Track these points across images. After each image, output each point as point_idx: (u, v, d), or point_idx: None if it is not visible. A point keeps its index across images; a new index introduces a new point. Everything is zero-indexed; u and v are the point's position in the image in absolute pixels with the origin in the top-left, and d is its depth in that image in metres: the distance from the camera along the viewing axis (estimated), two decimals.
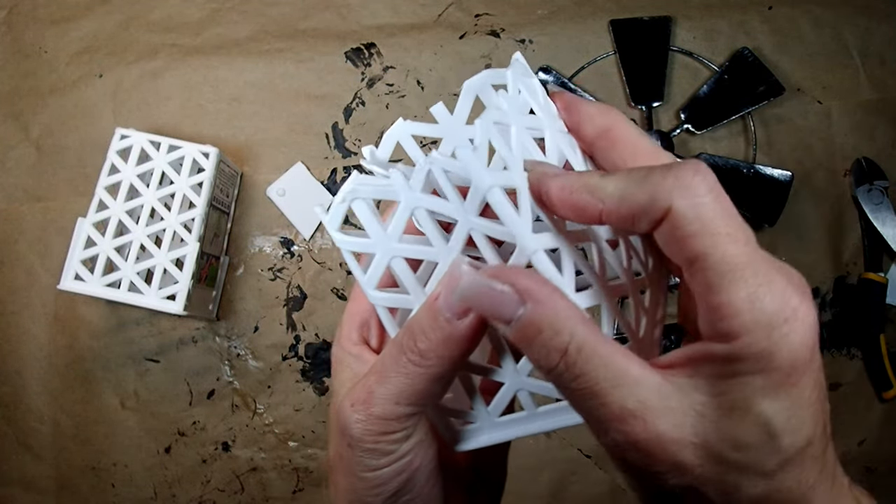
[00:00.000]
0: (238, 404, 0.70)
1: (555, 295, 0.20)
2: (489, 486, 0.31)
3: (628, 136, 0.25)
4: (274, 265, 0.72)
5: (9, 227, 0.72)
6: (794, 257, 0.71)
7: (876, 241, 0.70)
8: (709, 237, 0.19)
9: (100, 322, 0.70)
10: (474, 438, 0.26)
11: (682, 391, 0.19)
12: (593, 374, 0.20)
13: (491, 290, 0.21)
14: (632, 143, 0.24)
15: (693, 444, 0.19)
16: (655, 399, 0.19)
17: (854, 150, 0.72)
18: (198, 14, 0.75)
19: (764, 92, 0.70)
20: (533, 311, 0.20)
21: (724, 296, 0.19)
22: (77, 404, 0.70)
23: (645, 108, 0.72)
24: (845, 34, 0.73)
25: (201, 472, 0.69)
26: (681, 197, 0.19)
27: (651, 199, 0.20)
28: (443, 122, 0.26)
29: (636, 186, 0.20)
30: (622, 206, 0.20)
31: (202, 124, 0.73)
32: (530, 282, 0.20)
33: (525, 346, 0.21)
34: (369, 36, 0.74)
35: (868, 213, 0.70)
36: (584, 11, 0.74)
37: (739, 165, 0.69)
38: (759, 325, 0.18)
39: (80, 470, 0.69)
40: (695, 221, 0.19)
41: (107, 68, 0.74)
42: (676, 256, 0.20)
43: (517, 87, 0.26)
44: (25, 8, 0.76)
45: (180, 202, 0.62)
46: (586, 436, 0.69)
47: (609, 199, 0.21)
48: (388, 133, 0.27)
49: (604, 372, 0.20)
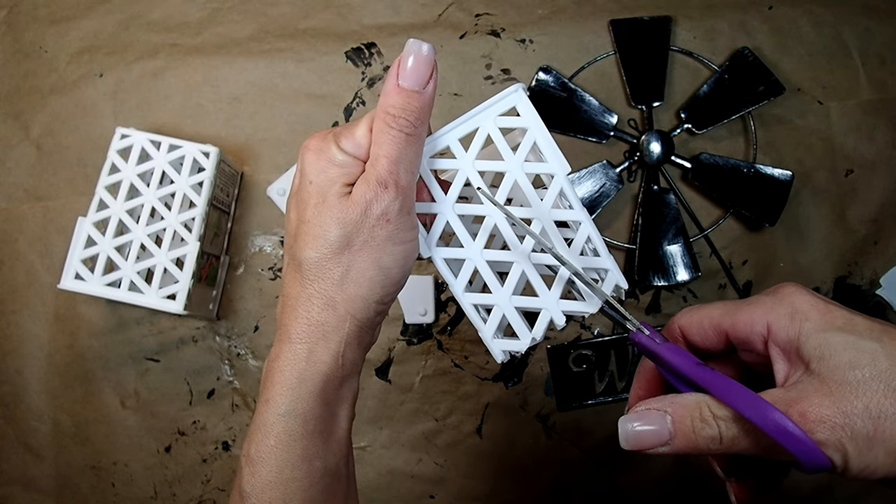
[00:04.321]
0: (238, 404, 0.70)
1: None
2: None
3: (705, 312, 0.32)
4: (274, 264, 0.72)
5: (9, 226, 0.72)
6: (794, 257, 0.71)
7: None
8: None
9: (100, 321, 0.70)
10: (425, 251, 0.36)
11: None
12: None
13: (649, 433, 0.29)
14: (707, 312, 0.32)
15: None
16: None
17: (854, 150, 0.72)
18: (198, 14, 0.75)
19: (764, 92, 0.70)
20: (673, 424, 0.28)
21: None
22: (77, 404, 0.70)
23: (645, 108, 0.72)
24: (845, 34, 0.73)
25: (201, 472, 0.69)
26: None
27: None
28: (459, 157, 0.36)
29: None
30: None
31: (202, 124, 0.73)
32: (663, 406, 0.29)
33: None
34: (370, 35, 0.74)
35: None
36: (584, 11, 0.74)
37: (739, 165, 0.69)
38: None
39: (80, 469, 0.69)
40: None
41: (107, 68, 0.74)
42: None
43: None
44: (25, 7, 0.76)
45: (180, 202, 0.62)
46: (586, 436, 0.69)
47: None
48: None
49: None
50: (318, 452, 0.33)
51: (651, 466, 0.69)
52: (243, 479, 0.33)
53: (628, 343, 0.68)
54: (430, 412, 0.70)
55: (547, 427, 0.69)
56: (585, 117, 0.71)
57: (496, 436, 0.69)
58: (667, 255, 0.68)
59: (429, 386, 0.70)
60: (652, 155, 0.69)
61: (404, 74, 0.32)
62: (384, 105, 0.32)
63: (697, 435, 0.27)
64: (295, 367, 0.32)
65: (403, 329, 0.71)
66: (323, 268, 0.32)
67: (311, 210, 0.32)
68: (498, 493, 0.69)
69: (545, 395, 0.70)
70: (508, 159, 0.35)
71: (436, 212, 0.36)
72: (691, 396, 0.28)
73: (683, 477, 0.69)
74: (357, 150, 0.33)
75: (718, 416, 0.27)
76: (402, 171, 0.32)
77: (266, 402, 0.33)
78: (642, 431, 0.28)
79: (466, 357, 0.70)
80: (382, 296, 0.33)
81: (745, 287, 0.71)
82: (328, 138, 0.33)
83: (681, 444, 0.27)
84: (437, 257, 0.36)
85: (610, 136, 0.71)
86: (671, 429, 0.27)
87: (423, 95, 0.32)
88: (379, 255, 0.32)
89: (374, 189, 0.31)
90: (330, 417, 0.33)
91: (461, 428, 0.69)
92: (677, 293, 0.71)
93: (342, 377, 0.33)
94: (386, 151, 0.32)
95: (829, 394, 0.25)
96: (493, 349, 0.36)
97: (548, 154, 0.36)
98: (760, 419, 0.25)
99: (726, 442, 0.27)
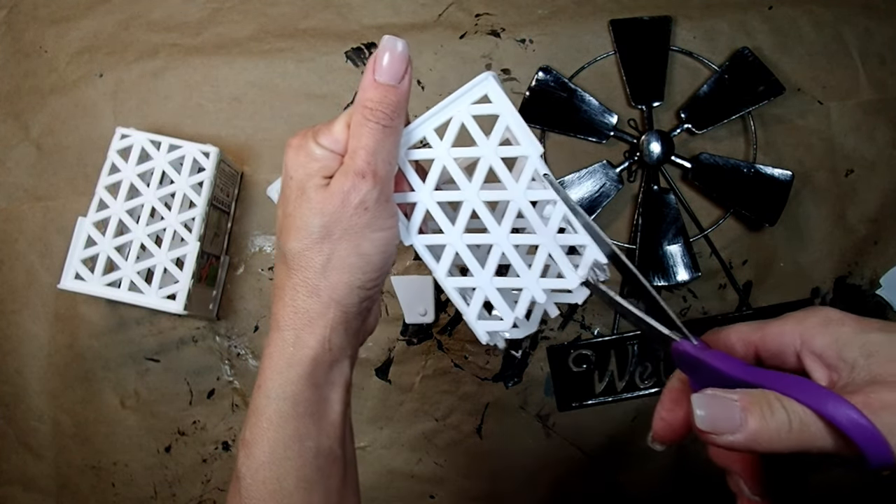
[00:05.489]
0: (238, 404, 0.70)
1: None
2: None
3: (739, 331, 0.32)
4: (274, 265, 0.72)
5: (9, 226, 0.72)
6: (794, 257, 0.71)
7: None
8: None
9: (100, 321, 0.70)
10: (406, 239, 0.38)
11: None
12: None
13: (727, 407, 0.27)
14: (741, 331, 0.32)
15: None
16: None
17: (854, 150, 0.72)
18: (198, 14, 0.75)
19: (764, 92, 0.70)
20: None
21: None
22: (77, 404, 0.70)
23: (645, 108, 0.72)
24: (845, 34, 0.73)
25: (201, 472, 0.69)
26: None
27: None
28: (435, 146, 0.37)
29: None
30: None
31: (202, 124, 0.73)
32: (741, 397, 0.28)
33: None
34: (370, 35, 0.74)
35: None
36: (584, 11, 0.74)
37: (739, 165, 0.69)
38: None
39: (80, 469, 0.69)
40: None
41: (107, 68, 0.74)
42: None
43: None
44: (25, 8, 0.76)
45: (180, 201, 0.62)
46: (586, 436, 0.69)
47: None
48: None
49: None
50: (309, 433, 0.33)
51: (651, 466, 0.69)
52: (239, 462, 0.34)
53: (628, 343, 0.68)
54: (430, 412, 0.70)
55: (547, 427, 0.69)
56: (585, 117, 0.71)
57: (496, 436, 0.69)
58: (667, 255, 0.68)
59: (429, 386, 0.70)
60: (652, 155, 0.69)
61: (380, 70, 0.33)
62: (362, 99, 0.33)
63: (768, 422, 0.26)
64: (283, 352, 0.34)
65: (403, 329, 0.71)
66: (306, 257, 0.33)
67: (293, 203, 0.34)
68: (498, 493, 0.69)
69: (545, 395, 0.70)
70: (482, 145, 0.37)
71: (414, 200, 0.37)
72: (755, 390, 0.27)
73: (683, 477, 0.69)
74: (334, 144, 0.34)
75: (787, 407, 0.26)
76: (380, 162, 0.33)
77: (258, 387, 0.34)
78: (714, 415, 0.27)
79: (466, 357, 0.70)
80: (365, 281, 0.34)
81: (745, 287, 0.71)
82: (307, 135, 0.34)
83: (752, 431, 0.26)
84: (419, 244, 0.37)
85: (610, 136, 0.71)
86: (742, 416, 0.27)
87: (398, 89, 0.33)
88: (358, 242, 0.33)
89: (351, 179, 0.33)
90: (321, 400, 0.34)
91: (461, 428, 0.69)
92: (677, 293, 0.71)
93: (330, 361, 0.34)
94: (364, 143, 0.33)
95: (886, 384, 0.25)
96: (478, 330, 0.37)
97: (520, 137, 0.37)
98: (833, 411, 0.25)
99: (795, 432, 0.26)
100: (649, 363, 0.68)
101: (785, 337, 0.29)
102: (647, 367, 0.68)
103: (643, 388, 0.68)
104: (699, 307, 0.71)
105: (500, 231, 0.37)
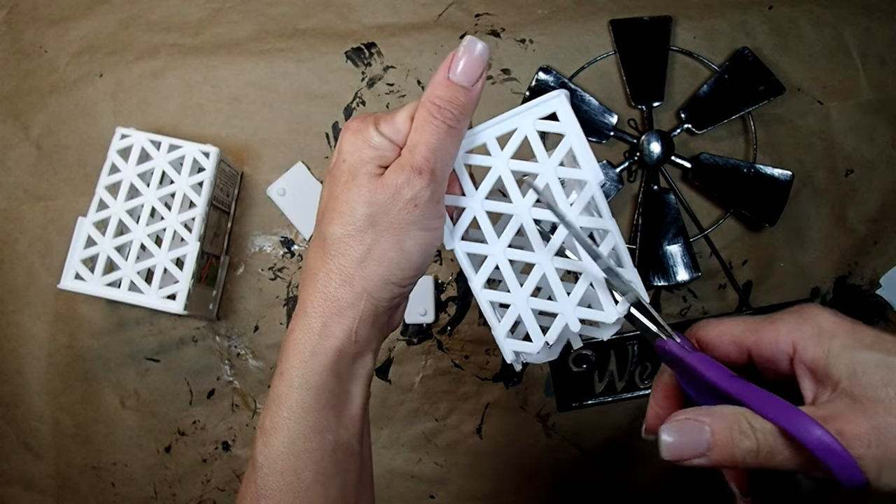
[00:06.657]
0: (238, 404, 0.70)
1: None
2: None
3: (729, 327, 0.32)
4: (274, 265, 0.72)
5: (9, 226, 0.72)
6: (794, 257, 0.71)
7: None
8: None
9: (100, 321, 0.70)
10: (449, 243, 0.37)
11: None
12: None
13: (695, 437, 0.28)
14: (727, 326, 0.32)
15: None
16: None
17: (854, 150, 0.72)
18: (198, 14, 0.75)
19: (764, 92, 0.70)
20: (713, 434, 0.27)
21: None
22: (77, 404, 0.70)
23: (645, 108, 0.72)
24: (845, 34, 0.73)
25: (201, 472, 0.69)
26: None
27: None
28: (494, 155, 0.36)
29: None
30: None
31: (202, 124, 0.73)
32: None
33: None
34: (370, 35, 0.74)
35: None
36: (584, 11, 0.74)
37: (739, 165, 0.69)
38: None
39: (80, 469, 0.69)
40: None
41: (107, 68, 0.74)
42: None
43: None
44: (25, 7, 0.76)
45: (180, 202, 0.62)
46: (586, 436, 0.69)
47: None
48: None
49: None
50: (329, 426, 0.33)
51: (651, 467, 0.69)
52: (257, 450, 0.33)
53: (628, 343, 0.68)
54: (430, 412, 0.70)
55: (547, 427, 0.69)
56: (585, 117, 0.71)
57: (496, 436, 0.69)
58: (667, 255, 0.68)
59: (429, 386, 0.70)
60: (652, 155, 0.69)
61: (456, 69, 0.32)
62: (431, 95, 0.33)
63: (736, 447, 0.27)
64: (308, 340, 0.33)
65: (403, 329, 0.71)
66: (346, 244, 0.33)
67: (341, 187, 0.33)
68: (498, 493, 0.69)
69: (545, 395, 0.70)
70: (543, 161, 0.36)
71: (464, 205, 0.36)
72: (728, 408, 0.28)
73: (683, 477, 0.69)
74: (395, 135, 0.33)
75: (757, 429, 0.27)
76: (439, 161, 0.33)
77: (280, 374, 0.33)
78: (681, 443, 0.27)
79: (466, 357, 0.70)
80: (401, 278, 0.33)
81: (745, 287, 0.71)
82: (368, 120, 0.34)
83: (719, 456, 0.27)
84: (460, 250, 0.37)
85: (610, 136, 0.71)
86: (710, 440, 0.27)
87: (470, 92, 0.33)
88: (402, 238, 0.33)
89: (407, 174, 0.32)
90: (343, 393, 0.34)
91: (461, 428, 0.69)
92: (677, 293, 0.71)
93: (355, 353, 0.34)
94: (426, 139, 0.32)
95: (864, 411, 0.25)
96: (505, 349, 0.37)
97: (582, 161, 0.36)
98: (804, 433, 0.25)
99: (763, 455, 0.26)
100: (649, 363, 0.68)
101: (779, 345, 0.29)
102: (647, 367, 0.68)
103: (643, 388, 0.68)
104: (699, 307, 0.71)
105: (545, 252, 0.36)
